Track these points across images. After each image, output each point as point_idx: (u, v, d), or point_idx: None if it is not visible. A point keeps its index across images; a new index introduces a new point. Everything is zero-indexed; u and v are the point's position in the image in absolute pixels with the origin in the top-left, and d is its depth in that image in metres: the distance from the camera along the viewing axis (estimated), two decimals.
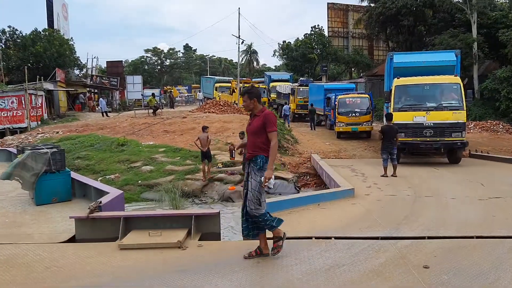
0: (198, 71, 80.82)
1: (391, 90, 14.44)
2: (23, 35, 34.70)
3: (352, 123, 21.78)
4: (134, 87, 41.92)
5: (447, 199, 8.26)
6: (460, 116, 13.51)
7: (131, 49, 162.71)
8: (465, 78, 28.27)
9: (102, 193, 7.45)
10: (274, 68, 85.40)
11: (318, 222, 6.60)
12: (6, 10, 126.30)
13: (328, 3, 51.75)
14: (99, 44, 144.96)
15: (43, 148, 7.79)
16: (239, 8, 32.63)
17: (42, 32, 35.12)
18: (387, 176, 11.56)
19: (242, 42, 33.58)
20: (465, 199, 8.25)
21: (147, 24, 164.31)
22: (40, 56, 32.65)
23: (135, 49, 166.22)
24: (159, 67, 67.77)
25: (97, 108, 36.96)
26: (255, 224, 4.93)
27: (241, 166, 15.08)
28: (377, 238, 5.59)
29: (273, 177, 4.87)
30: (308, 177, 16.31)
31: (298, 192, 14.86)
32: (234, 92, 36.01)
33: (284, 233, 4.95)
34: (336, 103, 22.83)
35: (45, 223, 6.69)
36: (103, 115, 30.97)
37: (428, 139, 13.58)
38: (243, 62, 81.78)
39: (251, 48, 77.84)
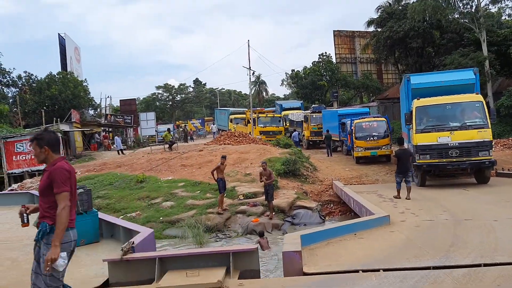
0: (208, 105, 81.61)
1: (411, 112, 14.19)
2: (39, 79, 35.41)
3: (370, 148, 21.48)
4: (148, 123, 42.26)
5: (489, 221, 7.87)
6: (485, 135, 13.19)
7: (141, 87, 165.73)
8: None
9: (131, 232, 7.24)
10: (283, 97, 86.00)
11: (359, 253, 6.28)
12: (21, 54, 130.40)
13: (334, 31, 52.38)
14: (110, 84, 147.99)
15: None
16: (248, 40, 32.90)
17: (56, 75, 35.82)
18: (399, 198, 11.66)
19: (253, 73, 33.79)
20: (509, 221, 7.86)
21: (155, 62, 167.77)
22: (56, 99, 33.16)
23: (145, 87, 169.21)
24: (170, 103, 68.56)
25: (112, 147, 37.18)
26: None
27: (263, 197, 14.83)
28: (428, 268, 5.26)
29: (61, 256, 3.80)
30: (332, 205, 15.96)
31: (324, 221, 14.50)
32: (249, 122, 36.09)
33: None
34: (352, 127, 22.61)
35: (76, 267, 6.45)
36: (119, 153, 31.03)
37: (454, 160, 13.22)
38: (252, 93, 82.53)
39: (260, 79, 78.56)
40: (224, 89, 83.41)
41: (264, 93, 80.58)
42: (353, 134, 22.15)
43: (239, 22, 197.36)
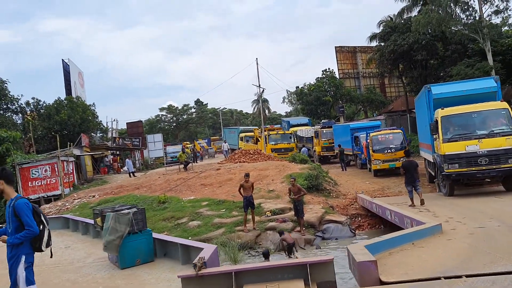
0: (211, 124, 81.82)
1: (436, 121, 14.25)
2: (47, 105, 35.54)
3: (388, 160, 21.50)
4: (155, 145, 42.24)
5: None
6: None
7: (140, 110, 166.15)
8: None
9: (188, 249, 7.18)
10: (284, 114, 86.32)
11: (429, 261, 6.23)
12: (23, 83, 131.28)
13: (336, 47, 53.00)
14: (109, 108, 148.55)
15: (123, 209, 7.60)
16: (256, 58, 33.37)
17: (64, 101, 35.98)
18: (414, 206, 12.47)
19: (263, 91, 34.06)
20: None
21: (153, 84, 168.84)
22: (65, 124, 33.25)
23: (144, 109, 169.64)
24: (174, 124, 68.76)
25: (122, 170, 37.11)
26: None
27: (290, 213, 14.78)
28: None
29: None
30: (359, 218, 15.90)
31: (354, 235, 14.43)
32: (259, 141, 36.15)
33: None
34: (368, 141, 22.66)
35: (143, 286, 6.39)
36: (130, 175, 30.96)
37: (484, 168, 13.22)
38: (255, 111, 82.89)
39: (262, 97, 79.00)
40: (226, 108, 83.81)
41: (267, 111, 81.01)
42: (370, 147, 22.17)
43: (235, 42, 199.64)
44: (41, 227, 5.05)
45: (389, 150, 21.61)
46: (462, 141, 13.55)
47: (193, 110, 77.21)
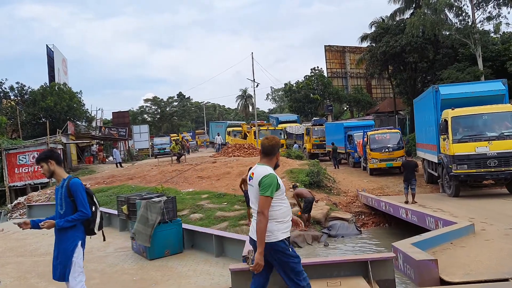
0: (194, 118, 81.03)
1: (446, 122, 14.24)
2: (32, 90, 34.33)
3: (386, 159, 21.51)
4: (141, 136, 41.51)
5: None
6: None
7: (120, 101, 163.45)
8: None
9: (222, 241, 6.84)
10: (267, 111, 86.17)
11: (483, 261, 6.05)
12: (7, 67, 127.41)
13: (325, 46, 53.05)
14: (88, 98, 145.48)
15: (153, 197, 7.21)
16: (252, 53, 32.87)
17: (50, 87, 34.83)
18: (408, 202, 13.44)
19: (257, 86, 33.68)
20: None
21: (133, 76, 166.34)
22: (51, 110, 32.15)
23: (124, 100, 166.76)
24: (158, 116, 67.70)
25: (107, 160, 36.24)
26: None
27: (295, 208, 14.54)
28: None
29: None
30: (363, 216, 15.80)
31: (361, 233, 14.30)
32: (247, 136, 35.81)
33: None
34: (365, 139, 22.65)
35: (182, 279, 6.04)
36: (117, 166, 30.21)
37: (493, 170, 13.28)
38: (239, 107, 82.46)
39: (246, 93, 78.68)
40: (209, 103, 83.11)
41: (250, 107, 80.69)
42: (367, 146, 22.14)
43: (218, 37, 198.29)
44: (93, 208, 4.69)
45: (386, 150, 21.63)
46: (472, 142, 13.57)
47: (175, 103, 76.30)
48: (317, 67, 52.12)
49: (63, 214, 4.56)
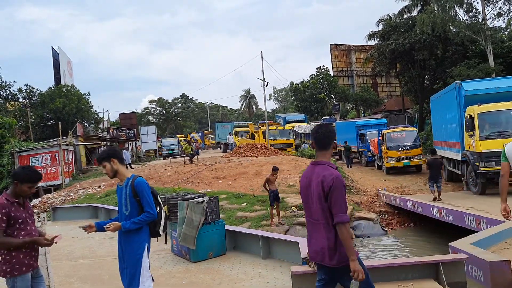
0: (198, 119, 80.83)
1: (472, 118, 13.98)
2: (40, 92, 34.13)
3: (403, 158, 21.24)
4: (149, 137, 41.30)
5: None
6: None
7: (120, 103, 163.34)
8: None
9: (269, 242, 6.59)
10: (270, 111, 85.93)
11: None
12: (10, 69, 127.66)
13: (330, 45, 52.85)
14: (91, 99, 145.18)
15: (195, 197, 6.97)
16: (261, 52, 32.65)
17: (57, 89, 34.64)
18: (436, 199, 13.39)
19: (267, 85, 33.41)
20: None
21: (133, 77, 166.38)
22: (60, 112, 31.94)
23: (124, 102, 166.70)
24: (163, 117, 67.52)
25: None
26: None
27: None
28: None
29: None
30: (386, 216, 15.53)
31: (386, 233, 14.04)
32: (254, 136, 35.55)
33: None
34: (381, 138, 22.39)
35: (234, 282, 5.80)
36: (127, 167, 29.95)
37: None
38: (242, 107, 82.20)
39: (250, 93, 78.47)
40: (213, 103, 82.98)
41: (254, 107, 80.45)
42: (383, 144, 21.88)
43: (216, 38, 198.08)
44: (158, 209, 4.43)
45: (403, 148, 21.36)
46: (500, 139, 13.28)
47: (179, 104, 76.12)
48: (323, 66, 51.85)
49: (128, 215, 4.32)
